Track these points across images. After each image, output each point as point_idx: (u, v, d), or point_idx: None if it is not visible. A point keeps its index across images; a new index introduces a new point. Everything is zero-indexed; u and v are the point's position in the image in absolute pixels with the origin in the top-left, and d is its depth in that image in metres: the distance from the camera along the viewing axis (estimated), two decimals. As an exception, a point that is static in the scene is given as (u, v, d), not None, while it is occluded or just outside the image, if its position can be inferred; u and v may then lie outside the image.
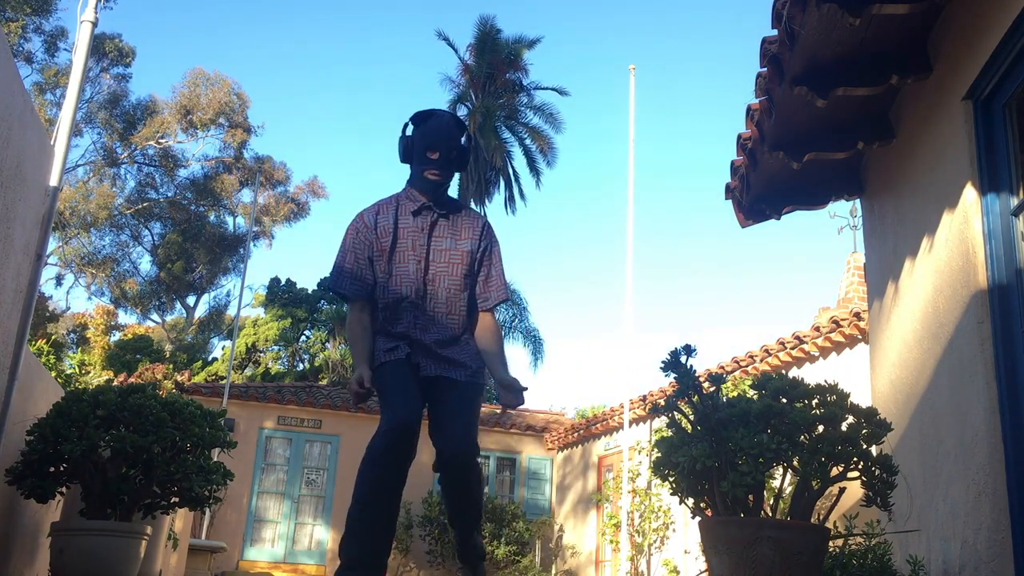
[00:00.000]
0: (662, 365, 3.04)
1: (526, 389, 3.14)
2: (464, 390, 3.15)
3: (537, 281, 50.38)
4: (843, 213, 9.13)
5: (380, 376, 3.12)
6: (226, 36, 48.44)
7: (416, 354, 3.17)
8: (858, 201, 5.09)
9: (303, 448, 15.15)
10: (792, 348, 9.08)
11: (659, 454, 3.01)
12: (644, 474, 11.76)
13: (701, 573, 3.48)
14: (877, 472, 2.84)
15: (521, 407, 4.16)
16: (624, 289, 10.93)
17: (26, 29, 26.17)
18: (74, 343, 29.25)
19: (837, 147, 3.99)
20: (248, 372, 26.36)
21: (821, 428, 2.86)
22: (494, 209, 25.37)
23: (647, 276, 53.78)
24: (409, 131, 3.32)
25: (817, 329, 8.58)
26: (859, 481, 2.88)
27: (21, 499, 4.27)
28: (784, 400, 2.89)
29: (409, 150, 3.27)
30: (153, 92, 38.20)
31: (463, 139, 3.32)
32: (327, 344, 27.06)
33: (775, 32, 3.44)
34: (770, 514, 2.98)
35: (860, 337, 8.02)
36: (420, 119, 3.29)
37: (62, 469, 4.18)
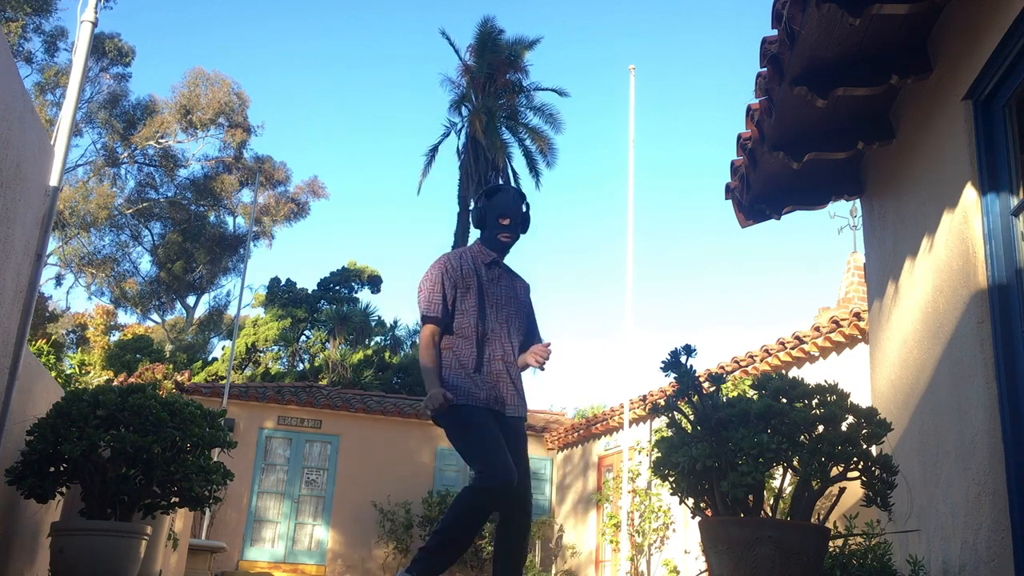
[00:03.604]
0: (662, 365, 3.04)
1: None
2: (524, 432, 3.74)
3: (537, 281, 50.21)
4: (843, 213, 9.13)
5: (469, 416, 3.54)
6: (226, 36, 48.39)
7: (500, 389, 3.65)
8: (858, 201, 5.09)
9: (303, 448, 15.15)
10: (792, 348, 9.08)
11: (659, 454, 3.01)
12: (644, 474, 11.76)
13: (701, 573, 3.48)
14: (877, 472, 2.84)
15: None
16: (624, 289, 10.94)
17: (26, 29, 26.15)
18: (74, 343, 29.25)
19: (837, 147, 3.99)
20: (248, 372, 26.33)
21: (821, 428, 2.86)
22: (494, 209, 25.22)
23: (647, 276, 53.80)
24: (481, 203, 3.91)
25: (817, 329, 8.57)
26: (859, 481, 2.88)
27: (21, 499, 4.27)
28: (784, 400, 2.89)
29: (482, 217, 3.87)
30: (153, 92, 38.25)
31: (524, 208, 3.90)
32: (327, 344, 27.04)
33: (775, 32, 3.44)
34: (770, 514, 2.98)
35: (860, 337, 8.02)
36: (491, 192, 3.92)
37: (62, 469, 4.18)
